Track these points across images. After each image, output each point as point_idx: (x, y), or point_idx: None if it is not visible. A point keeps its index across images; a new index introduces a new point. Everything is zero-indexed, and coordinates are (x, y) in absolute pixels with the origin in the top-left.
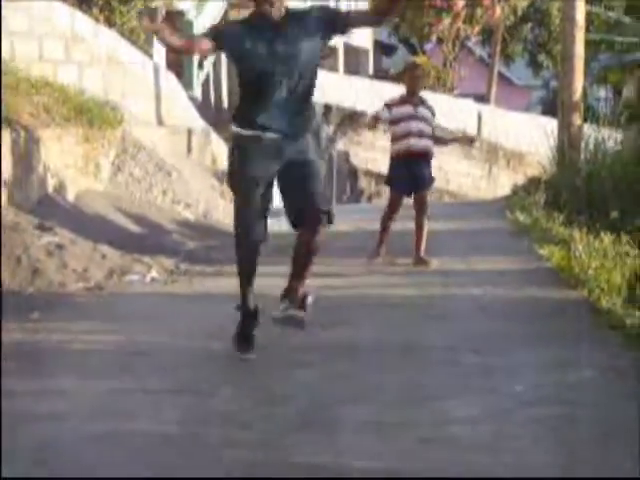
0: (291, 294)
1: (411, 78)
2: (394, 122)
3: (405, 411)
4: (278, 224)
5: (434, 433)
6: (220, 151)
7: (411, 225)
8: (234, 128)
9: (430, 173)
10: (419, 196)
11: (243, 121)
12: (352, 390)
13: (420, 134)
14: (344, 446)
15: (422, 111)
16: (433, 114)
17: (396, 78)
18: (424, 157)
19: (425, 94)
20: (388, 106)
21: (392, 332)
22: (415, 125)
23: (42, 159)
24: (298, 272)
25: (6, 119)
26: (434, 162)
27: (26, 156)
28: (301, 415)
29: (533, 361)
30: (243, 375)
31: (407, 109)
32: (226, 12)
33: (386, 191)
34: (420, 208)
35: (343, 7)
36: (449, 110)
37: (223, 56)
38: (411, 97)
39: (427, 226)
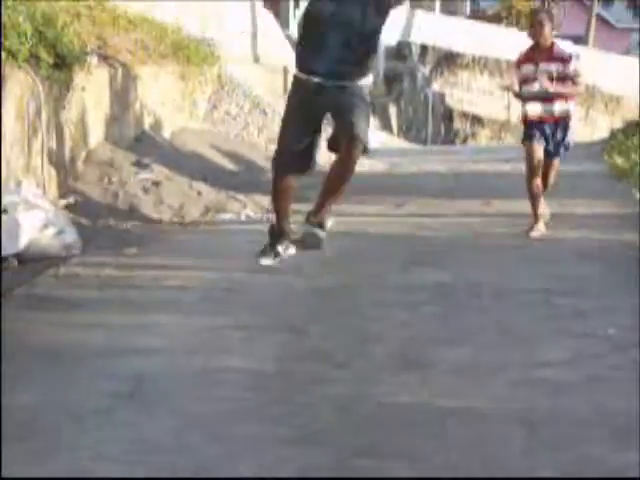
0: (315, 214)
1: (532, 26)
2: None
3: (498, 354)
4: None
5: (525, 375)
6: None
7: None
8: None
9: (563, 138)
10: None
11: (300, 66)
12: (446, 331)
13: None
14: (437, 387)
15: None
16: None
17: (493, 18)
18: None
19: (521, 35)
20: (517, 64)
21: (488, 274)
22: (538, 85)
23: (139, 96)
24: (326, 194)
25: (104, 55)
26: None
27: (123, 93)
28: (394, 355)
29: (628, 305)
30: (336, 313)
31: (529, 67)
32: None
33: (480, 133)
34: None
35: None
36: None
37: None
38: (533, 50)
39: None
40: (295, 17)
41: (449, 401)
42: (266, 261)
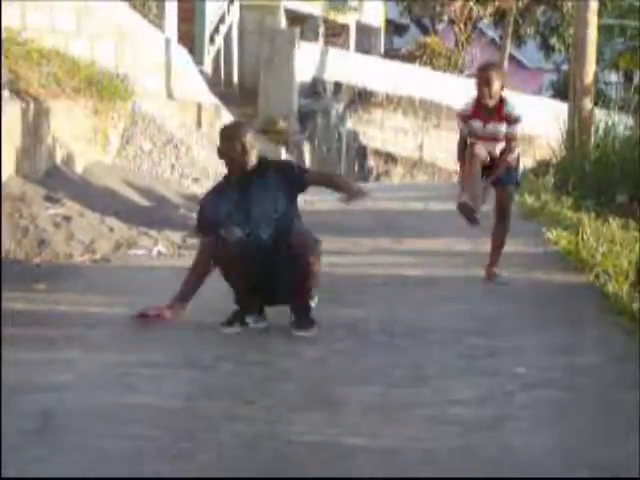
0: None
1: (479, 84)
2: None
3: (408, 392)
4: None
5: (436, 413)
6: None
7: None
8: None
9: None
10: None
11: None
12: (357, 369)
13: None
14: (347, 425)
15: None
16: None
17: (407, 57)
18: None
19: (435, 75)
20: (463, 118)
21: (397, 312)
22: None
23: (51, 130)
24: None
25: (16, 89)
26: (443, 142)
27: (35, 127)
28: (303, 393)
29: (538, 344)
30: (246, 350)
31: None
32: None
33: (393, 171)
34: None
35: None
36: (459, 91)
37: (234, 31)
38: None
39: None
40: (209, 53)
41: (358, 439)
42: (230, 331)
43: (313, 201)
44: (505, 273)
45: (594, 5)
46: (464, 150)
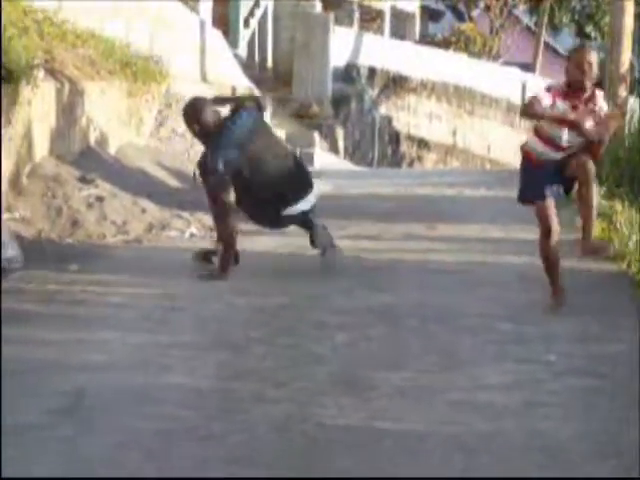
0: None
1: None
2: None
3: (437, 377)
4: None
5: (465, 399)
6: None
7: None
8: None
9: None
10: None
11: None
12: (388, 354)
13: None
14: (377, 409)
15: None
16: None
17: (442, 44)
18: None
19: (470, 61)
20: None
21: (428, 298)
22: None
23: (85, 111)
24: None
25: (51, 70)
26: (476, 128)
27: (70, 108)
28: (334, 376)
29: (568, 332)
30: (277, 333)
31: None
32: None
33: (426, 157)
34: None
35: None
36: (494, 78)
37: (269, 15)
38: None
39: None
40: (243, 36)
41: (388, 423)
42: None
43: (347, 185)
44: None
45: None
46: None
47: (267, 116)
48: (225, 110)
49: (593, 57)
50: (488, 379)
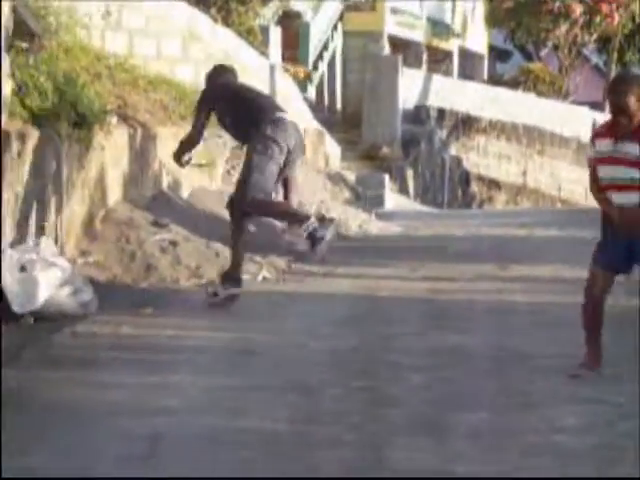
0: None
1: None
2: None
3: (512, 418)
4: None
5: (539, 441)
6: (333, 152)
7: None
8: None
9: None
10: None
11: None
12: (462, 395)
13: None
14: (451, 452)
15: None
16: None
17: (510, 83)
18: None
19: (539, 101)
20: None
21: (502, 339)
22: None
23: (158, 156)
24: None
25: (124, 115)
26: (546, 168)
27: (142, 153)
28: (409, 418)
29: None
30: (351, 375)
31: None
32: (342, 13)
33: (496, 197)
34: None
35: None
36: (563, 117)
37: (338, 57)
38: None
39: None
40: (312, 81)
41: (463, 466)
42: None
43: (418, 227)
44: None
45: None
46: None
47: (337, 157)
48: None
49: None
50: (562, 421)
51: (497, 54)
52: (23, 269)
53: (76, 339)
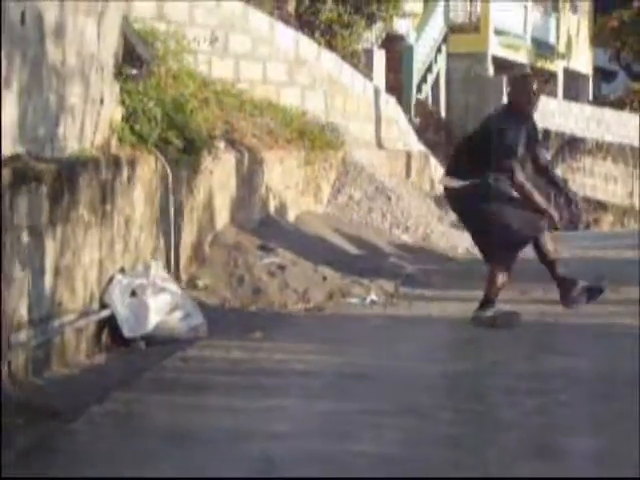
0: None
1: None
2: None
3: (631, 443)
4: None
5: None
6: (438, 174)
7: None
8: None
9: None
10: None
11: None
12: (579, 420)
13: None
14: (571, 476)
15: None
16: None
17: (616, 104)
18: None
19: None
20: None
21: (616, 361)
22: None
23: (265, 180)
24: None
25: (231, 140)
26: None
27: (249, 177)
28: (526, 443)
29: None
30: (465, 399)
31: None
32: (446, 35)
33: (603, 219)
34: None
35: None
36: None
37: (442, 79)
38: None
39: None
40: (414, 103)
41: None
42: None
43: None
44: None
45: None
46: None
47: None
48: None
49: None
50: None
51: (602, 74)
52: (134, 294)
53: (187, 363)
